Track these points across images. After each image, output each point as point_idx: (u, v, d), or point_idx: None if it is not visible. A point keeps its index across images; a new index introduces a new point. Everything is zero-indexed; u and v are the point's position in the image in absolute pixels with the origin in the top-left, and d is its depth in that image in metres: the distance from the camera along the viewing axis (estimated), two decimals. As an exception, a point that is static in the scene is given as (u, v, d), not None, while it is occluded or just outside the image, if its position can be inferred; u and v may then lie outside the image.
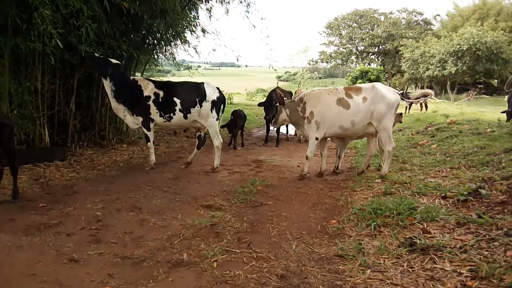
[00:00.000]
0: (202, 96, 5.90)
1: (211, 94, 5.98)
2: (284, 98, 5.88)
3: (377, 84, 5.55)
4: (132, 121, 5.97)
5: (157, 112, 5.85)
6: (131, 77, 6.14)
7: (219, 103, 6.12)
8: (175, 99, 5.84)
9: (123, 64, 6.85)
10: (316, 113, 5.46)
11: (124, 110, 5.89)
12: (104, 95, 7.60)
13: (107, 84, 5.74)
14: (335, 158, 6.31)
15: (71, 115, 7.06)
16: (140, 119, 5.88)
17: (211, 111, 5.98)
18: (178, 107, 5.84)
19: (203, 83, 6.07)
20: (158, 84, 6.00)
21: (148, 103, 5.81)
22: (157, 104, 5.82)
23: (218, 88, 6.21)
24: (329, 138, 6.05)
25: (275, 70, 12.06)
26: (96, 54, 5.83)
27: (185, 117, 5.90)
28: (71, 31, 5.66)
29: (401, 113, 9.86)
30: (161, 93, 5.84)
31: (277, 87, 9.28)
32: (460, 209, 3.69)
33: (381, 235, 3.35)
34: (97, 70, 6.02)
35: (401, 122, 9.57)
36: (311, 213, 4.17)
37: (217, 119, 6.14)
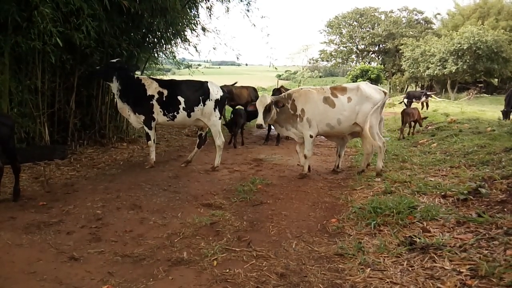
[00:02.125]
0: (206, 95, 5.90)
1: (215, 93, 5.98)
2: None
3: (362, 84, 5.61)
4: (136, 120, 5.97)
5: (160, 111, 5.84)
6: (135, 76, 6.15)
7: (222, 102, 6.12)
8: (179, 97, 5.83)
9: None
10: (307, 110, 5.52)
11: (129, 110, 5.90)
12: (104, 94, 7.60)
13: (114, 85, 5.80)
14: (335, 156, 6.31)
15: (71, 114, 7.04)
16: (142, 117, 5.88)
17: (214, 110, 5.98)
18: (182, 105, 5.84)
19: (207, 82, 6.07)
20: (162, 83, 6.00)
21: (151, 102, 5.80)
22: (160, 103, 5.82)
23: (221, 87, 6.22)
24: (322, 136, 6.07)
25: (275, 68, 12.04)
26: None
27: (189, 115, 5.89)
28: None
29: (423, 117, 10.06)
30: (165, 92, 5.84)
31: (281, 86, 9.33)
32: (460, 208, 3.69)
33: (381, 234, 3.36)
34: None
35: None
36: (311, 212, 4.17)
37: (219, 117, 6.14)
